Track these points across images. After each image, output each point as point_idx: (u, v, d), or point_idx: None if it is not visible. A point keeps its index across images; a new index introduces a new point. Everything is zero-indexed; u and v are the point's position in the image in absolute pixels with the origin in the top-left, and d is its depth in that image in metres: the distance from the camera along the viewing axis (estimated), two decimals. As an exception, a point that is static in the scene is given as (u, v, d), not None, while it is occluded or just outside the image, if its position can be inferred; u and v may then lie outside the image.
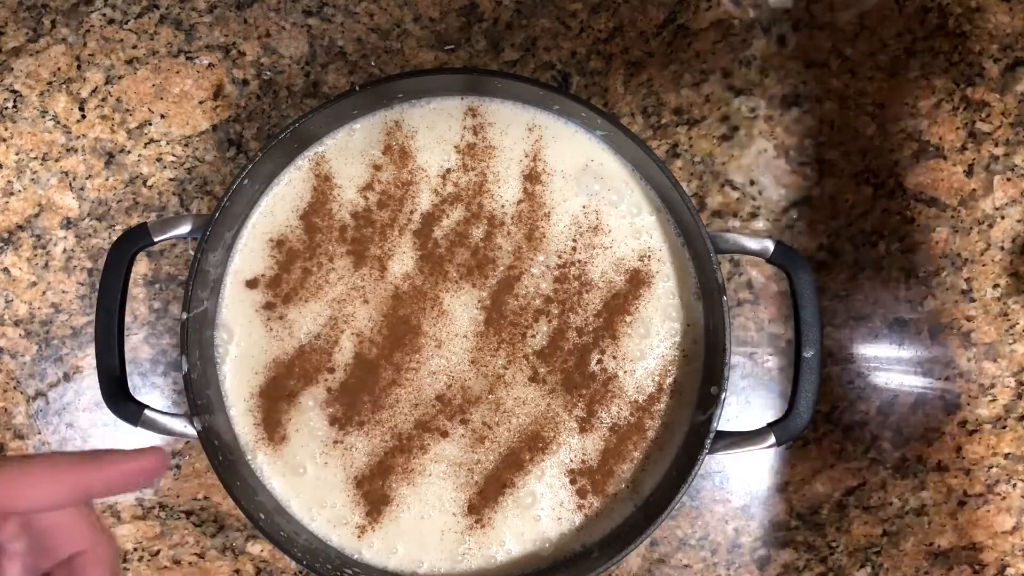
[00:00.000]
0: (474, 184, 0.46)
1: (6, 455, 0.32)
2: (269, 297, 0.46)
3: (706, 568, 0.52)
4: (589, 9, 0.51)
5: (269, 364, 0.46)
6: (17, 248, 0.51)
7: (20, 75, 0.51)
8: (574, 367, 0.46)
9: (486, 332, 0.46)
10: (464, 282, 0.46)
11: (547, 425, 0.46)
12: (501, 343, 0.46)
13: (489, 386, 0.46)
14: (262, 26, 0.51)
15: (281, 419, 0.46)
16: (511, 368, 0.46)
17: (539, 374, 0.46)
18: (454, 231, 0.46)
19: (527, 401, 0.46)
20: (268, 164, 0.45)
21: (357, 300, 0.46)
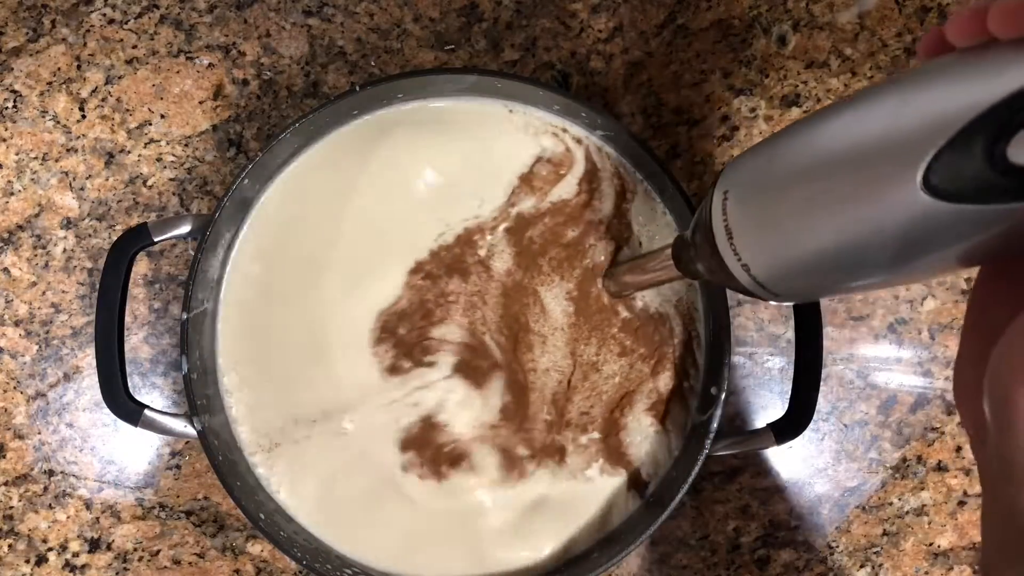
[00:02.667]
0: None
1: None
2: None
3: (706, 568, 0.52)
4: (589, 9, 0.51)
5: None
6: (17, 248, 0.51)
7: (20, 75, 0.51)
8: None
9: (578, 323, 0.46)
10: (555, 275, 0.46)
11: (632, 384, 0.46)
12: (592, 331, 0.46)
13: (583, 374, 0.46)
14: (262, 26, 0.51)
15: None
16: (602, 353, 0.46)
17: (627, 347, 0.46)
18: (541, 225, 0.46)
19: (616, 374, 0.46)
20: (268, 164, 0.45)
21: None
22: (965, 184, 0.20)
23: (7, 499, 0.51)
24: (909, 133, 0.21)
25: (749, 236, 0.27)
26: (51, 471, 0.51)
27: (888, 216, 0.22)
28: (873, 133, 0.22)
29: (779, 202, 0.26)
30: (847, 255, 0.24)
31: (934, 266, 0.23)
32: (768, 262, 0.27)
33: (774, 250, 0.27)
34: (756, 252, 0.27)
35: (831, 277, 0.26)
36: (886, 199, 0.22)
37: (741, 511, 0.52)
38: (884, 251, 0.23)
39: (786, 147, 0.26)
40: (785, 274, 0.27)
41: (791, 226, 0.25)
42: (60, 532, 0.51)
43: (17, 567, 0.51)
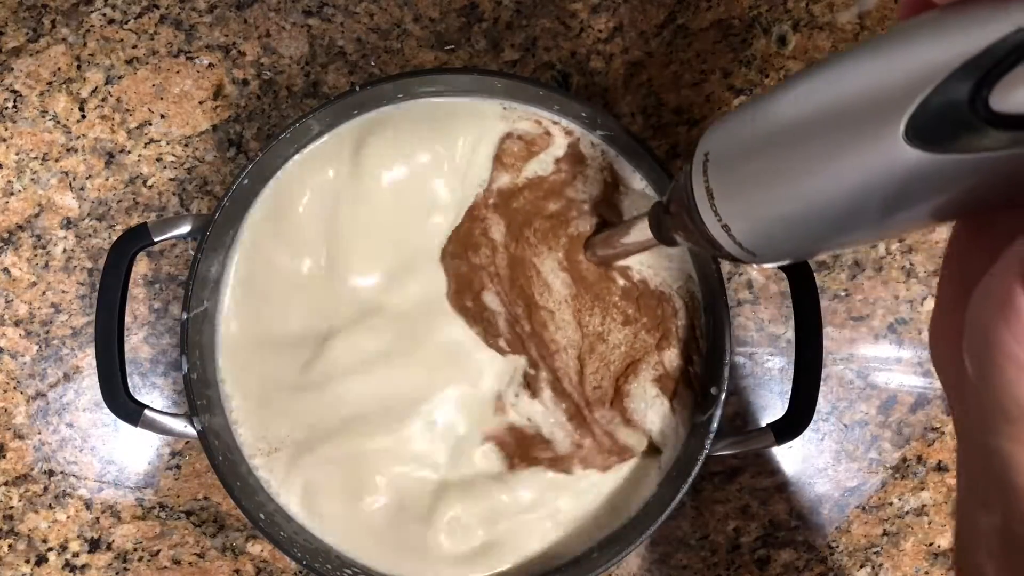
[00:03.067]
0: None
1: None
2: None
3: (706, 568, 0.52)
4: (589, 9, 0.51)
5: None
6: (17, 248, 0.51)
7: (20, 75, 0.51)
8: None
9: (579, 294, 0.46)
10: (542, 246, 0.46)
11: (638, 354, 0.46)
12: (594, 300, 0.46)
13: (591, 346, 0.46)
14: (262, 26, 0.51)
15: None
16: (606, 322, 0.46)
17: (629, 315, 0.46)
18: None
19: (621, 343, 0.46)
20: (268, 164, 0.45)
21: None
22: (948, 134, 0.20)
23: (7, 499, 0.51)
24: (893, 84, 0.21)
25: (730, 196, 0.28)
26: (51, 471, 0.51)
27: (871, 169, 0.22)
28: (856, 87, 0.22)
29: (761, 160, 0.26)
30: (830, 211, 0.24)
31: (914, 220, 0.23)
32: (750, 222, 0.28)
33: (756, 209, 0.27)
34: (737, 212, 0.28)
35: (812, 234, 0.26)
36: (870, 152, 0.22)
37: (741, 511, 0.52)
38: (867, 205, 0.23)
39: (768, 106, 0.26)
40: (766, 233, 0.27)
41: (774, 184, 0.25)
42: (60, 532, 0.51)
43: (17, 567, 0.51)
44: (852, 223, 0.24)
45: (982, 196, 0.22)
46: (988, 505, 0.25)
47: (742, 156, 0.27)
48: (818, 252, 0.28)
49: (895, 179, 0.22)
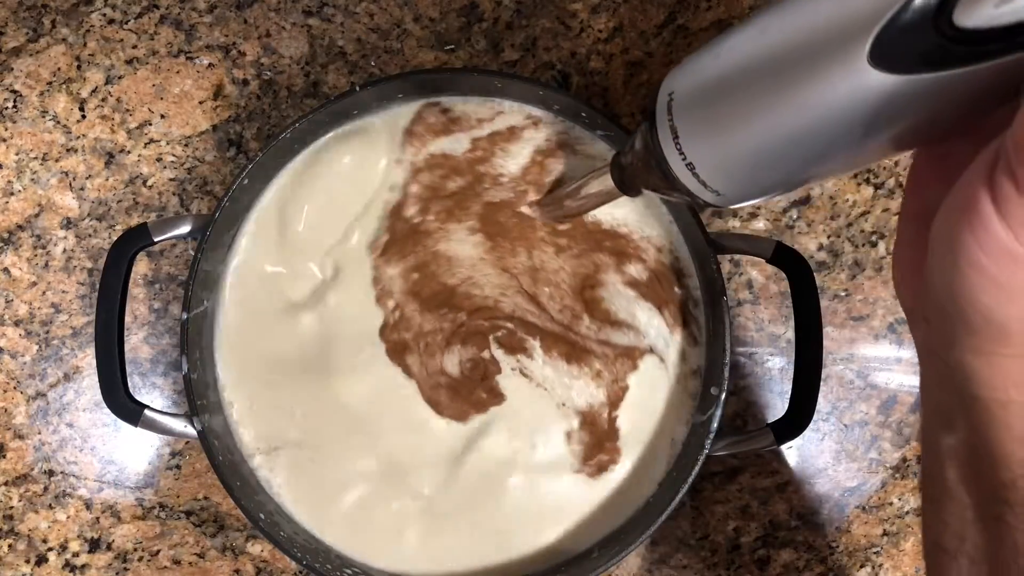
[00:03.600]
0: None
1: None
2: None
3: (706, 568, 0.52)
4: (589, 9, 0.51)
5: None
6: (17, 248, 0.51)
7: (20, 75, 0.51)
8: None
9: (496, 245, 0.46)
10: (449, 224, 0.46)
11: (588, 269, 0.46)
12: (515, 242, 0.46)
13: (532, 279, 0.46)
14: (262, 26, 0.52)
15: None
16: (534, 256, 0.46)
17: (561, 244, 0.46)
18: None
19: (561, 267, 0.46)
20: (268, 164, 0.45)
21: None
22: (913, 54, 0.21)
23: (7, 499, 0.51)
24: (855, 8, 0.21)
25: (696, 135, 0.28)
26: (51, 471, 0.51)
27: (838, 96, 0.22)
28: (818, 14, 0.23)
29: (727, 96, 0.26)
30: (797, 142, 0.24)
31: (880, 148, 0.24)
32: (716, 160, 0.28)
33: (722, 146, 0.27)
34: (703, 151, 0.28)
35: (779, 168, 0.26)
36: (835, 79, 0.22)
37: (741, 511, 0.52)
38: (833, 134, 0.23)
39: (733, 41, 0.26)
40: (733, 171, 0.27)
41: (740, 119, 0.26)
42: (60, 532, 0.51)
43: (17, 567, 0.51)
44: (819, 154, 0.25)
45: (946, 117, 0.22)
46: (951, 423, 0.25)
47: (707, 93, 0.27)
48: (784, 188, 0.28)
49: (862, 105, 0.22)
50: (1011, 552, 0.24)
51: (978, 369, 0.22)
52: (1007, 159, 0.19)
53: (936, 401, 0.26)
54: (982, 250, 0.19)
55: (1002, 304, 0.20)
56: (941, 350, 0.24)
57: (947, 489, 0.26)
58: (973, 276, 0.20)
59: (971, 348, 0.22)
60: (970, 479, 0.25)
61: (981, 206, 0.19)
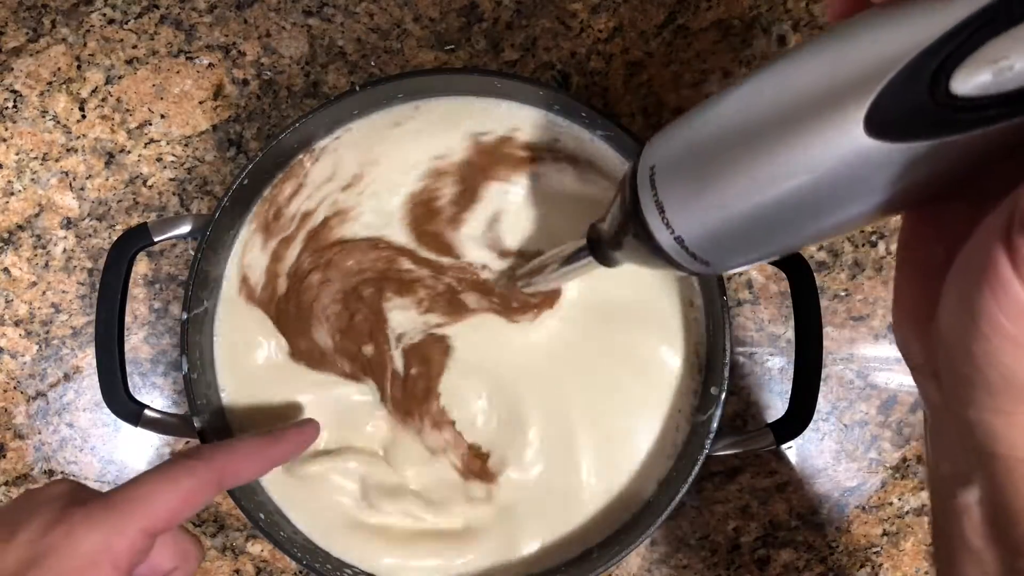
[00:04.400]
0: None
1: (224, 441, 0.38)
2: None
3: (706, 568, 0.52)
4: (589, 9, 0.51)
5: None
6: (17, 248, 0.51)
7: (20, 75, 0.51)
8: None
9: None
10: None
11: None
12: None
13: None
14: (262, 26, 0.52)
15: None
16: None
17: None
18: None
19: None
20: (268, 164, 0.45)
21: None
22: (908, 120, 0.20)
23: (7, 499, 0.51)
24: (852, 75, 0.21)
25: (683, 207, 0.27)
26: (51, 471, 0.51)
27: (831, 164, 0.22)
28: (814, 79, 0.22)
29: (714, 165, 0.26)
30: (789, 210, 0.24)
31: (873, 212, 0.23)
32: (705, 230, 0.27)
33: (711, 216, 0.26)
34: (691, 221, 0.27)
35: (771, 236, 0.26)
36: (829, 147, 0.22)
37: (741, 511, 0.52)
38: (826, 201, 0.23)
39: (718, 109, 0.26)
40: (723, 240, 0.27)
41: (726, 189, 0.25)
42: (60, 532, 0.51)
43: (17, 567, 0.51)
44: (811, 221, 0.24)
45: (943, 181, 0.22)
46: (968, 480, 0.25)
47: (693, 164, 0.27)
48: (775, 254, 0.28)
49: (857, 173, 0.22)
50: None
51: (998, 428, 0.22)
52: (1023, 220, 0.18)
53: (950, 456, 0.26)
54: (1002, 312, 0.19)
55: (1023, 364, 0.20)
56: (956, 408, 0.23)
57: (965, 546, 0.25)
58: (993, 338, 0.20)
59: (990, 408, 0.22)
60: (990, 536, 0.25)
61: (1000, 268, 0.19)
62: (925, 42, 0.20)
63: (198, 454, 0.33)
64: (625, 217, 0.30)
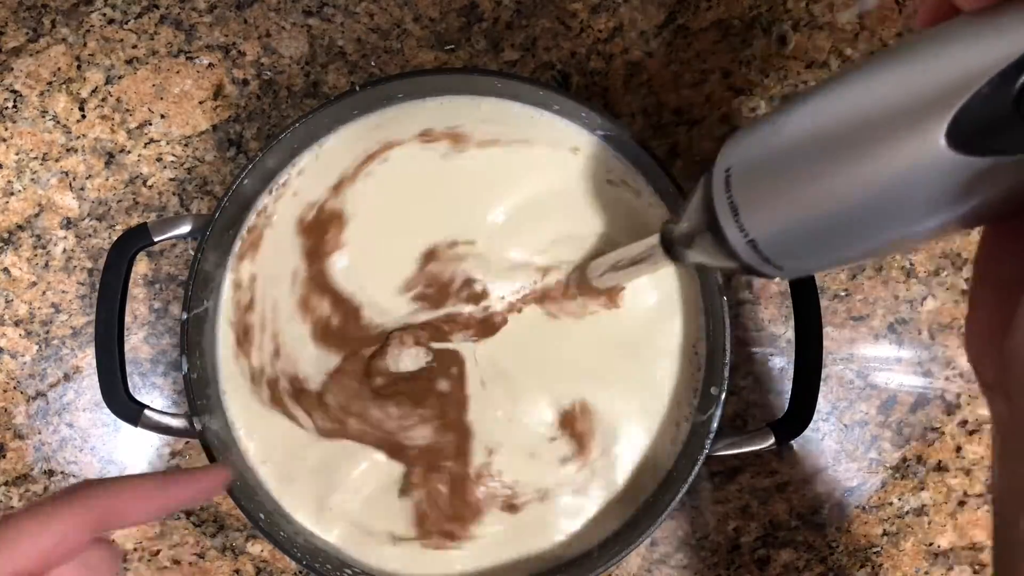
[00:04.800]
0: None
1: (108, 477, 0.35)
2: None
3: (706, 568, 0.52)
4: (589, 9, 0.51)
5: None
6: (17, 248, 0.51)
7: (20, 75, 0.51)
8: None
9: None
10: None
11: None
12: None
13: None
14: (262, 26, 0.51)
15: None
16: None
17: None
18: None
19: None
20: (268, 164, 0.45)
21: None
22: (991, 137, 0.20)
23: (7, 499, 0.51)
24: (933, 89, 0.21)
25: (758, 211, 0.27)
26: (51, 471, 0.51)
27: (911, 176, 0.22)
28: (893, 92, 0.22)
29: (792, 171, 0.25)
30: (864, 220, 0.24)
31: (948, 226, 0.23)
32: (779, 235, 0.27)
33: (786, 222, 0.26)
34: (766, 226, 0.27)
35: (844, 244, 0.26)
36: (909, 159, 0.22)
37: (741, 511, 0.52)
38: (904, 213, 0.23)
39: (797, 115, 0.26)
40: (797, 245, 0.27)
41: (806, 195, 0.25)
42: (60, 532, 0.51)
43: (17, 567, 0.51)
44: (887, 231, 0.24)
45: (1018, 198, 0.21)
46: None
47: (770, 168, 0.26)
48: (847, 263, 0.28)
49: (935, 185, 0.22)
50: None
51: None
52: None
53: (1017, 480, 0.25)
54: None
55: None
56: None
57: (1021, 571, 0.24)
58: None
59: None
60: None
61: None
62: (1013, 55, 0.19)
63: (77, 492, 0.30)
64: (699, 217, 0.30)
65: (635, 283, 0.46)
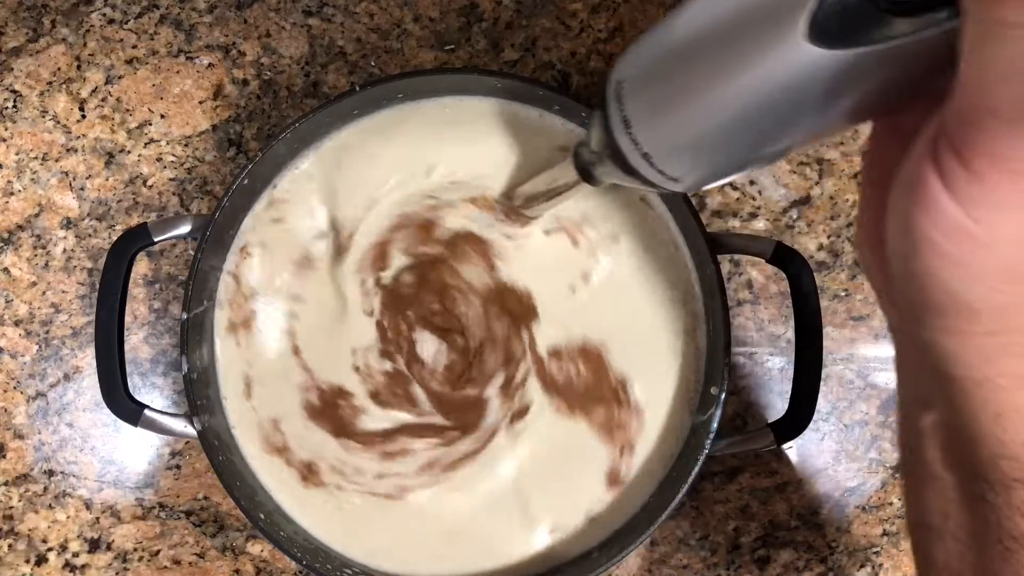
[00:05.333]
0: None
1: None
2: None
3: (706, 568, 0.52)
4: (589, 9, 0.51)
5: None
6: (17, 248, 0.51)
7: (20, 75, 0.51)
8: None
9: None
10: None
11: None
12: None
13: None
14: (262, 26, 0.51)
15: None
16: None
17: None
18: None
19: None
20: (268, 164, 0.45)
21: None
22: (849, 27, 0.20)
23: (7, 499, 0.51)
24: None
25: (647, 122, 0.27)
26: (51, 471, 0.51)
27: (778, 72, 0.22)
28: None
29: (671, 79, 0.26)
30: (743, 123, 0.24)
31: (827, 123, 0.23)
32: (668, 147, 0.27)
33: (672, 132, 0.26)
34: (654, 137, 0.27)
35: (729, 150, 0.26)
36: (774, 55, 0.22)
37: (741, 511, 0.52)
38: (778, 112, 0.23)
39: (673, 23, 0.26)
40: (686, 156, 0.27)
41: (684, 103, 0.25)
42: (60, 532, 0.51)
43: (17, 567, 0.51)
44: (768, 133, 0.24)
45: (889, 90, 0.22)
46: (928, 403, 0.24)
47: (653, 78, 0.27)
48: (741, 168, 0.28)
49: (804, 82, 0.22)
50: (995, 532, 0.23)
51: (951, 349, 0.21)
52: (949, 135, 0.18)
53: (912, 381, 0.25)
54: (936, 229, 0.19)
55: (964, 282, 0.19)
56: (912, 331, 0.23)
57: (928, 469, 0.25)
58: (931, 256, 0.19)
59: (941, 328, 0.21)
60: (950, 459, 0.24)
61: (929, 184, 0.18)
62: None
63: None
64: (599, 134, 0.30)
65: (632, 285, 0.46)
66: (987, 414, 0.22)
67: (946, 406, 0.23)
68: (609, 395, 0.45)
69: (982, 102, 0.17)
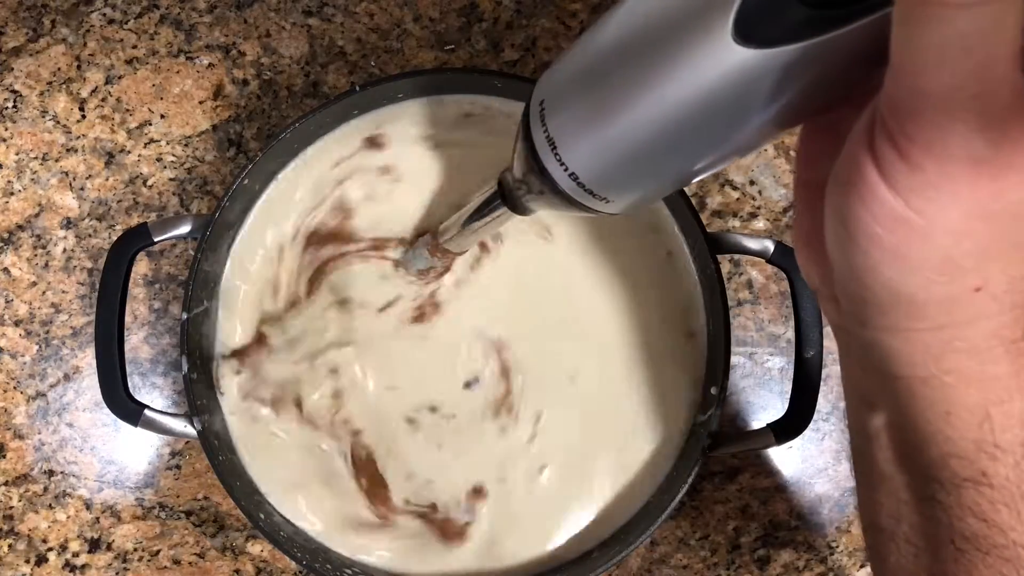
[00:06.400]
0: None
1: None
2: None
3: (706, 568, 0.52)
4: (589, 9, 0.51)
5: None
6: (17, 248, 0.51)
7: (20, 75, 0.51)
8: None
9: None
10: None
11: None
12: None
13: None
14: (262, 26, 0.52)
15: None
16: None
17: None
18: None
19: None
20: (268, 164, 0.45)
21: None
22: (777, 25, 0.20)
23: (7, 499, 0.51)
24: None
25: (572, 142, 0.26)
26: (51, 471, 0.51)
27: (706, 78, 0.21)
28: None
29: (594, 94, 0.24)
30: (671, 132, 0.23)
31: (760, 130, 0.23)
32: (596, 165, 0.26)
33: (599, 150, 0.25)
34: (582, 157, 0.26)
35: (660, 164, 0.25)
36: (701, 60, 0.21)
37: (741, 511, 0.52)
38: (709, 121, 0.22)
39: (594, 36, 0.25)
40: (615, 174, 0.26)
41: (610, 117, 0.24)
42: (60, 532, 0.51)
43: (17, 567, 0.51)
44: (699, 143, 0.23)
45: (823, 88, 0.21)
46: (875, 403, 0.24)
47: (576, 95, 0.25)
48: (672, 184, 0.26)
49: (734, 84, 0.21)
50: (946, 532, 0.23)
51: (895, 347, 0.21)
52: (884, 124, 0.18)
53: (857, 381, 0.25)
54: (875, 221, 0.18)
55: (905, 275, 0.19)
56: (854, 330, 0.22)
57: (878, 470, 0.25)
58: (871, 249, 0.19)
59: (884, 327, 0.21)
60: (900, 459, 0.24)
61: (866, 174, 0.18)
62: None
63: None
64: (524, 158, 0.29)
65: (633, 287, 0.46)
66: (935, 413, 0.21)
67: (893, 406, 0.23)
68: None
69: (915, 88, 0.17)
